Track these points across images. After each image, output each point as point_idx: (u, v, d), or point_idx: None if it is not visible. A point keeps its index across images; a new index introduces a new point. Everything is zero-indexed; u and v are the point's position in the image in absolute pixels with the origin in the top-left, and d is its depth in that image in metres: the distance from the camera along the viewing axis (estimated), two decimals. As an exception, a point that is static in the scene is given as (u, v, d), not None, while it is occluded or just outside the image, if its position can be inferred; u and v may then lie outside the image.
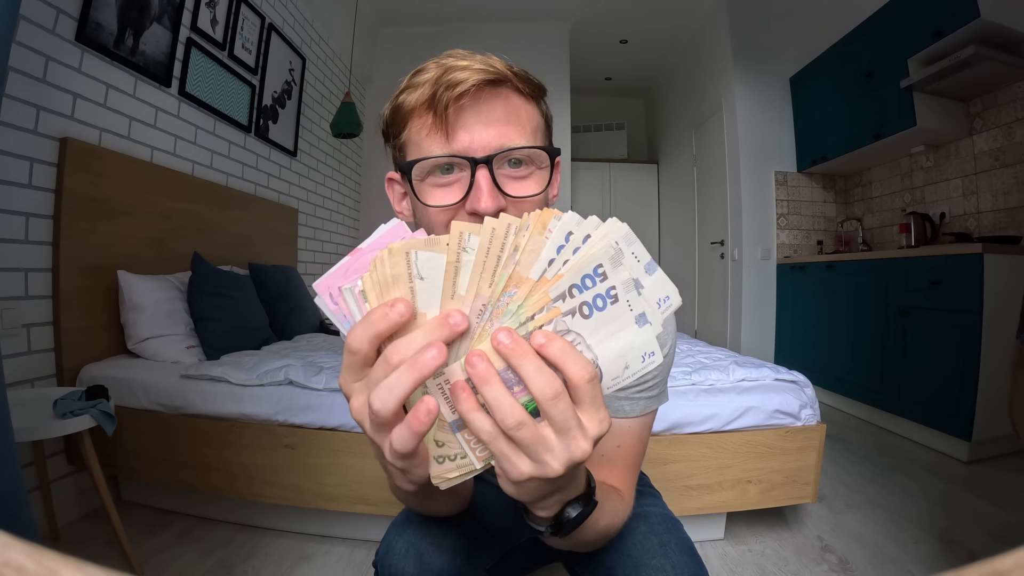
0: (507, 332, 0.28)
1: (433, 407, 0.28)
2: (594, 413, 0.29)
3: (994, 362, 1.85)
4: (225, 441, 1.34)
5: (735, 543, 1.39)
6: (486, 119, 0.45)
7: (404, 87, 0.47)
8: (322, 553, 1.33)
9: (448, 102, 0.43)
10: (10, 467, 0.57)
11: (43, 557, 0.11)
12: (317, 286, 0.30)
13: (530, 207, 0.47)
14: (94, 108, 1.55)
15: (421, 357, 0.27)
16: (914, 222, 2.63)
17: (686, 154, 4.34)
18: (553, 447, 0.29)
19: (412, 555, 0.52)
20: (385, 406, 0.27)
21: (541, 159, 0.48)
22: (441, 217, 0.46)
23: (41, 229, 1.38)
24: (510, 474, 0.30)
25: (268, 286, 2.12)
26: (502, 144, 0.45)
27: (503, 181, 0.46)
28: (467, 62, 0.44)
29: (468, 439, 0.31)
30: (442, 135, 0.45)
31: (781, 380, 1.39)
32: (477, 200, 0.44)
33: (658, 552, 0.54)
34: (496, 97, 0.46)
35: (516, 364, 0.28)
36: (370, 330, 0.28)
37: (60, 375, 1.42)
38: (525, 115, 0.47)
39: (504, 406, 0.28)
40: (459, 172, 0.46)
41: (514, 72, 0.46)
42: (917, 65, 2.38)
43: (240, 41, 2.30)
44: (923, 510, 1.54)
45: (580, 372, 0.28)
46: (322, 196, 3.31)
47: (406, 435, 0.28)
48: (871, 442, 2.22)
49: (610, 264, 0.28)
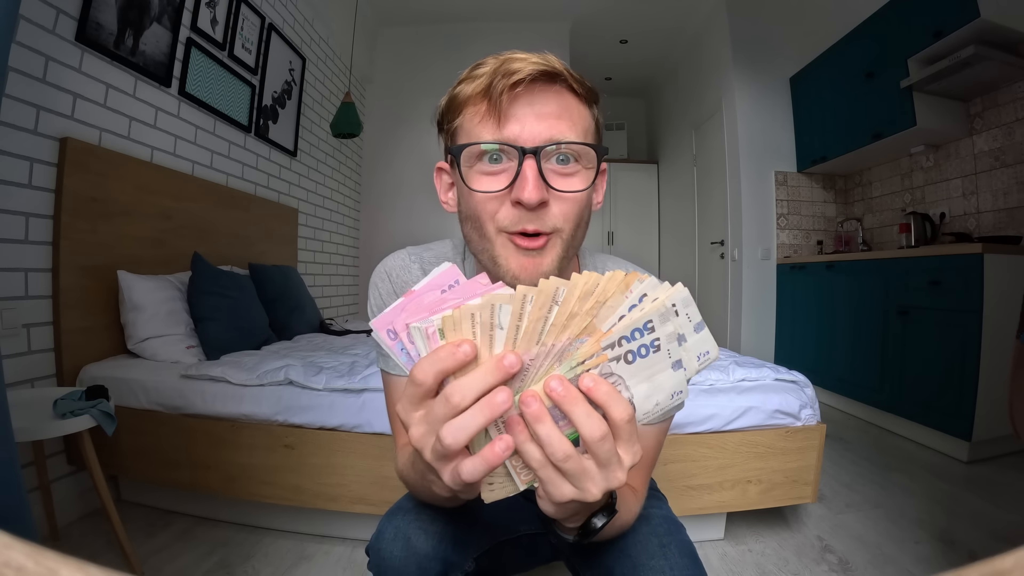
0: (559, 380, 0.31)
1: (510, 445, 0.31)
2: (630, 447, 0.33)
3: (994, 362, 1.85)
4: (225, 441, 1.34)
5: (735, 543, 1.39)
6: (539, 111, 0.46)
7: (462, 79, 0.49)
8: (322, 553, 1.33)
9: (503, 90, 0.44)
10: (10, 467, 0.57)
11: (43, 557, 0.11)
12: (375, 323, 0.33)
13: (573, 204, 0.48)
14: (94, 108, 1.55)
15: (494, 400, 0.30)
16: (914, 222, 2.63)
17: (686, 154, 4.34)
18: (594, 476, 0.32)
19: (399, 539, 0.54)
20: (457, 442, 0.30)
21: (589, 158, 0.48)
22: (486, 205, 0.47)
23: (41, 229, 1.38)
24: (554, 497, 0.33)
25: (268, 286, 2.12)
26: (551, 137, 0.46)
27: (549, 175, 0.46)
28: (525, 55, 0.46)
29: (515, 465, 0.34)
30: (494, 122, 0.46)
31: (781, 380, 1.39)
32: (522, 189, 0.45)
33: (657, 553, 0.55)
34: (550, 91, 0.47)
35: (567, 410, 0.31)
36: (437, 366, 0.31)
37: (60, 375, 1.42)
38: (577, 114, 0.48)
39: (555, 442, 0.31)
40: (507, 162, 0.47)
41: (569, 72, 0.47)
42: (917, 65, 2.38)
43: (240, 41, 2.30)
44: (923, 510, 1.54)
45: (621, 414, 0.32)
46: (322, 196, 3.31)
47: (480, 467, 0.31)
48: (871, 442, 2.22)
49: (659, 320, 0.32)
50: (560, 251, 0.49)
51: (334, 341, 2.14)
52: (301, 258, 3.01)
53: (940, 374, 2.05)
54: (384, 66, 4.01)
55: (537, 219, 0.47)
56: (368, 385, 1.33)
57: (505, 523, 0.65)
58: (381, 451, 1.28)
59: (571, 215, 0.48)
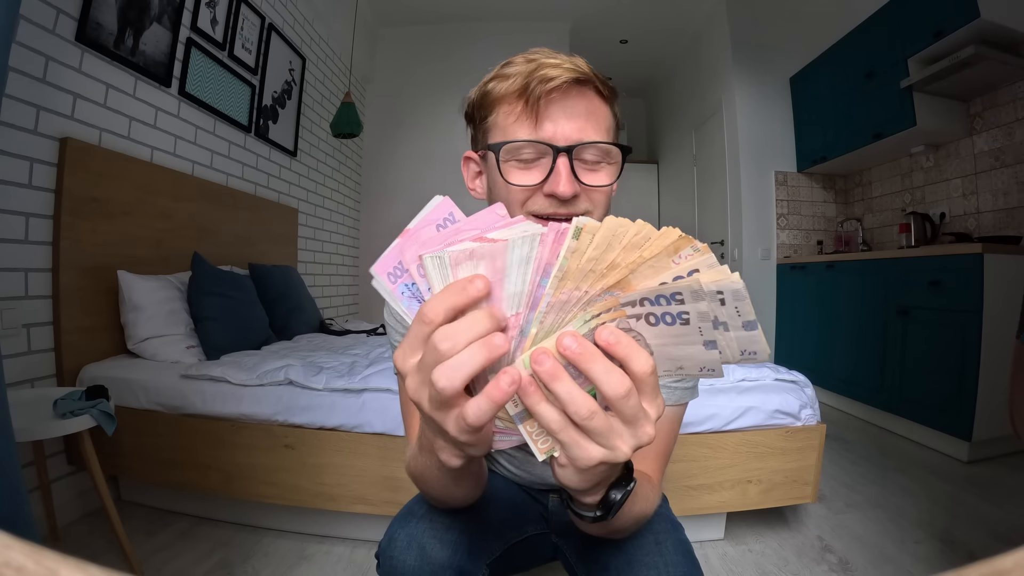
0: (573, 336, 0.29)
1: (516, 377, 0.28)
2: (654, 399, 0.31)
3: (994, 362, 1.85)
4: (225, 441, 1.34)
5: (735, 543, 1.39)
6: (570, 113, 0.51)
7: (493, 76, 0.53)
8: (322, 553, 1.33)
9: (541, 94, 0.49)
10: (10, 467, 0.57)
11: (43, 557, 0.11)
12: (375, 269, 0.31)
13: (599, 195, 0.54)
14: (94, 108, 1.55)
15: (492, 340, 0.28)
16: (914, 222, 2.63)
17: (686, 154, 4.34)
18: (622, 433, 0.30)
19: (413, 547, 0.53)
20: (452, 384, 0.28)
21: (612, 155, 0.54)
22: (519, 195, 0.52)
23: (41, 229, 1.38)
24: (579, 461, 0.31)
25: (268, 286, 2.12)
26: (582, 138, 0.51)
27: (579, 170, 0.52)
28: (557, 60, 0.50)
29: (531, 431, 0.31)
30: (531, 123, 0.51)
31: (781, 380, 1.39)
32: (556, 183, 0.50)
33: (653, 550, 0.55)
34: (581, 96, 0.52)
35: (585, 368, 0.29)
36: (447, 302, 0.28)
37: (60, 375, 1.42)
38: (602, 115, 0.53)
39: (576, 399, 0.29)
40: (542, 159, 0.51)
41: (597, 76, 0.52)
42: (917, 65, 2.38)
43: (240, 41, 2.30)
44: (923, 510, 1.54)
45: (643, 366, 0.29)
46: (322, 196, 3.31)
47: (485, 407, 0.28)
48: (871, 442, 2.22)
49: (690, 296, 0.28)
50: None
51: (334, 341, 2.14)
52: (301, 258, 3.00)
53: (940, 374, 2.05)
54: (384, 66, 4.01)
55: (568, 208, 0.52)
56: (368, 385, 1.33)
57: (514, 525, 0.65)
58: (381, 451, 1.29)
59: (598, 203, 0.54)
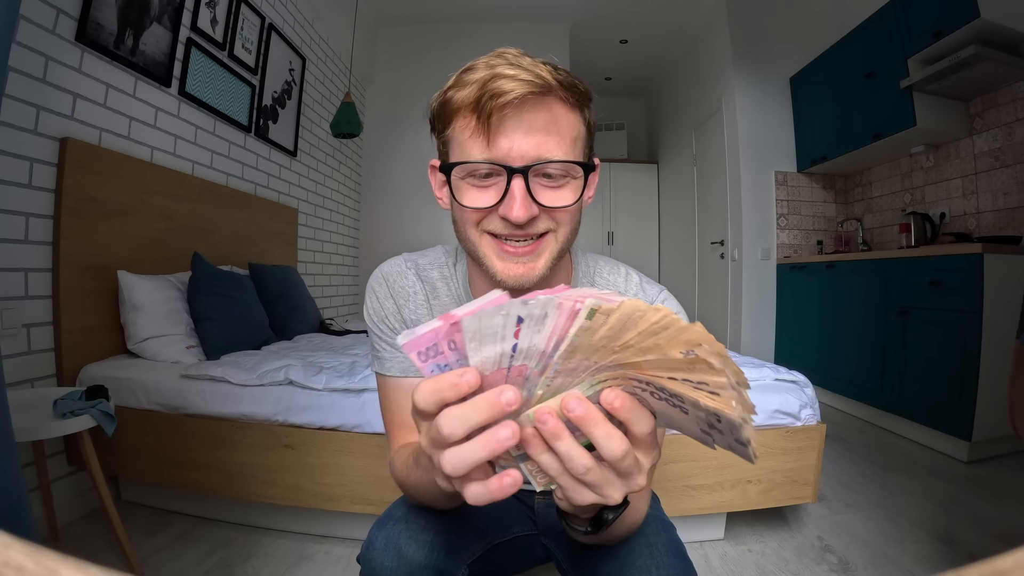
0: (578, 400, 0.30)
1: (518, 480, 0.30)
2: (650, 452, 0.33)
3: (994, 362, 1.85)
4: (225, 441, 1.34)
5: (735, 543, 1.39)
6: (527, 127, 0.46)
7: (453, 83, 0.48)
8: (322, 553, 1.33)
9: (492, 110, 0.45)
10: (10, 467, 0.57)
11: (43, 557, 0.11)
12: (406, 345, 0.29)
13: (563, 215, 0.50)
14: (94, 108, 1.55)
15: (497, 435, 0.29)
16: (914, 222, 2.63)
17: (686, 154, 4.34)
18: (615, 483, 0.32)
19: (390, 549, 0.53)
20: (456, 471, 0.29)
21: (575, 171, 0.49)
22: (473, 216, 0.50)
23: (41, 229, 1.38)
24: (574, 501, 0.33)
25: (268, 286, 2.12)
26: (540, 155, 0.47)
27: (537, 190, 0.48)
28: (515, 71, 0.45)
29: (531, 468, 0.33)
30: (483, 140, 0.47)
31: (781, 380, 1.39)
32: (510, 208, 0.47)
33: (644, 552, 0.55)
34: (539, 107, 0.47)
35: (587, 431, 0.30)
36: (438, 395, 0.29)
37: (60, 375, 1.42)
38: (566, 124, 0.48)
39: (574, 457, 0.30)
40: (496, 177, 0.48)
41: (559, 81, 0.47)
42: (917, 65, 2.38)
43: (240, 41, 2.30)
44: (923, 510, 1.54)
45: (644, 428, 0.31)
46: (322, 196, 3.31)
47: (483, 494, 0.30)
48: (871, 442, 2.22)
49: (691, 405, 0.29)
50: (555, 250, 0.51)
51: (334, 341, 2.14)
52: (301, 258, 3.01)
53: (940, 374, 2.05)
54: (384, 66, 4.01)
55: (525, 231, 0.49)
56: (368, 385, 1.33)
57: (498, 525, 0.65)
58: (381, 451, 1.28)
59: (562, 222, 0.51)
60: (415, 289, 0.60)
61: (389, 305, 0.59)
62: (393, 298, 0.60)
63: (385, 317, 0.59)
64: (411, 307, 0.60)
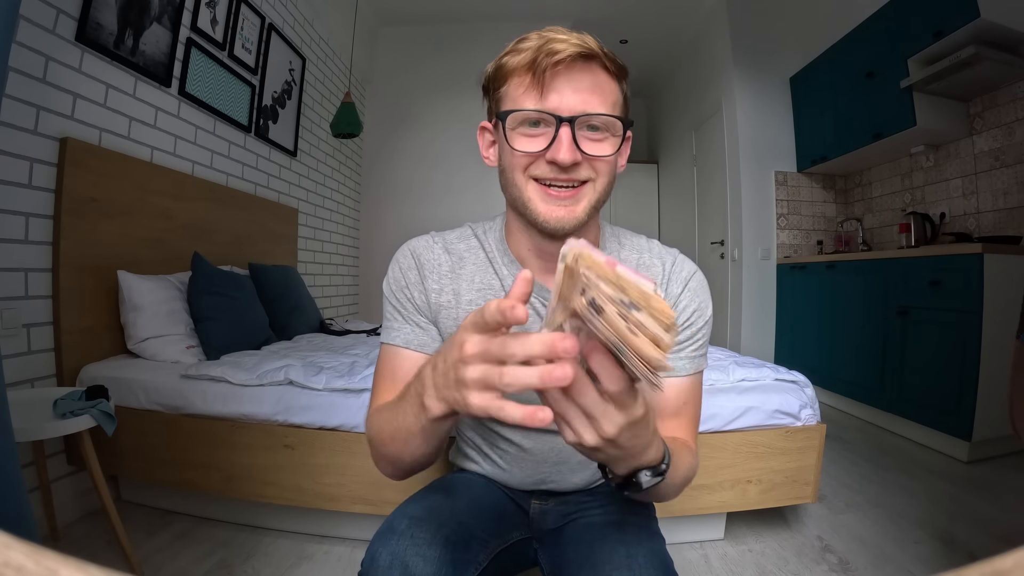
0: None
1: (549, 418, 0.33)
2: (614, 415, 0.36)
3: (994, 362, 1.85)
4: (225, 441, 1.34)
5: (735, 543, 1.39)
6: (575, 86, 0.53)
7: (508, 51, 0.56)
8: (322, 553, 1.33)
9: (546, 67, 0.52)
10: (10, 467, 0.57)
11: (43, 557, 0.11)
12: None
13: (602, 165, 0.56)
14: (94, 108, 1.55)
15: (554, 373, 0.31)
16: (914, 222, 2.63)
17: (686, 154, 4.34)
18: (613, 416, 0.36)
19: (396, 566, 0.51)
20: (507, 388, 0.33)
21: (615, 128, 0.55)
22: (522, 161, 0.55)
23: (41, 229, 1.38)
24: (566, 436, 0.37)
25: (268, 286, 2.12)
26: (585, 109, 0.53)
27: (581, 140, 0.53)
28: (566, 36, 0.53)
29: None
30: (537, 93, 0.53)
31: (781, 380, 1.39)
32: (557, 151, 0.52)
33: (622, 564, 0.54)
34: (586, 70, 0.53)
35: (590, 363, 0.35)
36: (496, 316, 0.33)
37: (60, 375, 1.42)
38: (608, 89, 0.55)
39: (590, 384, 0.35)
40: (545, 127, 0.54)
41: (604, 52, 0.54)
42: (917, 65, 2.38)
43: (240, 41, 2.30)
44: (923, 510, 1.54)
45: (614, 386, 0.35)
46: (322, 196, 3.31)
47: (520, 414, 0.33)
48: (871, 442, 2.22)
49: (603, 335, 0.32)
50: (592, 199, 0.57)
51: (334, 341, 2.14)
52: (301, 258, 3.00)
53: (940, 374, 2.05)
54: (384, 66, 4.01)
55: (569, 175, 0.54)
56: (368, 385, 1.33)
57: (499, 533, 0.65)
58: (381, 451, 1.28)
59: (601, 172, 0.56)
60: (440, 261, 0.65)
61: (413, 276, 0.64)
62: (418, 268, 0.64)
63: (406, 286, 0.64)
64: (435, 277, 0.64)
